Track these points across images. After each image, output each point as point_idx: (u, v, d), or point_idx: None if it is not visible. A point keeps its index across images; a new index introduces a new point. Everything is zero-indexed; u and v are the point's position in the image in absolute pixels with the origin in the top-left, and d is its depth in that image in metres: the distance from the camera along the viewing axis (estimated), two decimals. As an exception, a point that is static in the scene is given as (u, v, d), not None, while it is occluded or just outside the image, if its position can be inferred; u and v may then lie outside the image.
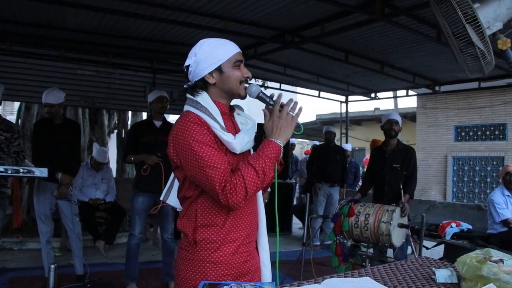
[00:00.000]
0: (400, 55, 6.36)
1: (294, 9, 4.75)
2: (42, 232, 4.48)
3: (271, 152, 1.62)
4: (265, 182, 1.61)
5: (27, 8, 4.84)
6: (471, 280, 1.64)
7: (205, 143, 1.59)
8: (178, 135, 1.63)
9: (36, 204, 4.50)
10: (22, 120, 8.45)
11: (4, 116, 4.65)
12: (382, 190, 4.71)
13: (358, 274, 1.89)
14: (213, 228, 1.66)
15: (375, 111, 17.14)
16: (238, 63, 1.73)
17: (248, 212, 1.74)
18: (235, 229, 1.69)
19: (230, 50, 1.73)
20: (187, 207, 1.71)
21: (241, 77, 1.73)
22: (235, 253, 1.69)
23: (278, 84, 9.00)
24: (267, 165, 1.59)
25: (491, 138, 11.81)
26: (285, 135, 1.66)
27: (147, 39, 5.93)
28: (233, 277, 1.67)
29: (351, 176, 9.13)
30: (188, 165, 1.60)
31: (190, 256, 1.68)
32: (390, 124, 4.74)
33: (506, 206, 5.12)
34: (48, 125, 4.49)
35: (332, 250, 4.33)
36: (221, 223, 1.66)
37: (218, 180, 1.54)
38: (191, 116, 1.65)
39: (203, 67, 1.71)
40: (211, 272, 1.65)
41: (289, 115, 1.66)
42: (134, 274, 4.50)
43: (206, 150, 1.58)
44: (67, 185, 4.39)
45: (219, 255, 1.66)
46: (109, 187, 6.42)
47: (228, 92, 1.75)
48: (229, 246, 1.67)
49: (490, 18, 2.44)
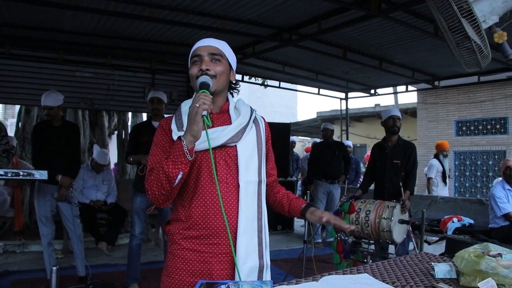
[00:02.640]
0: (399, 50, 6.35)
1: (290, 7, 4.74)
2: (43, 234, 4.49)
3: (174, 151, 1.56)
4: (170, 181, 1.56)
5: (25, 11, 4.84)
6: (469, 274, 1.64)
7: (155, 143, 1.73)
8: None
9: (37, 206, 4.51)
10: (22, 123, 8.47)
11: (6, 120, 4.65)
12: (383, 186, 4.71)
13: (357, 271, 1.89)
14: (177, 223, 1.72)
15: (376, 107, 17.13)
16: (195, 58, 1.70)
17: (213, 213, 1.64)
18: (196, 227, 1.66)
19: (194, 47, 1.74)
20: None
21: (196, 73, 1.67)
22: (193, 250, 1.66)
23: (277, 82, 8.98)
24: (168, 165, 1.56)
25: (492, 132, 11.79)
26: (189, 131, 1.53)
27: (145, 39, 5.93)
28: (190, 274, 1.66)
29: (352, 172, 9.12)
30: None
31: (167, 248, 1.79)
32: (393, 121, 4.73)
33: (507, 200, 5.11)
34: (47, 128, 4.50)
35: (333, 247, 4.33)
36: (184, 219, 1.69)
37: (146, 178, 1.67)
38: (163, 119, 1.80)
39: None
40: (169, 263, 1.70)
41: (194, 108, 1.51)
42: (136, 275, 4.51)
43: (152, 149, 1.73)
44: (67, 187, 4.40)
45: (176, 248, 1.70)
46: (110, 188, 6.43)
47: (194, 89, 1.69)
48: (187, 241, 1.68)
49: (486, 12, 2.42)
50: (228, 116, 1.75)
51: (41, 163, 4.28)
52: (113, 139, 10.81)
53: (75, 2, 4.32)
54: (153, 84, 7.10)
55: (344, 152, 7.64)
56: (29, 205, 7.26)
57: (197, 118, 1.50)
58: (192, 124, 1.51)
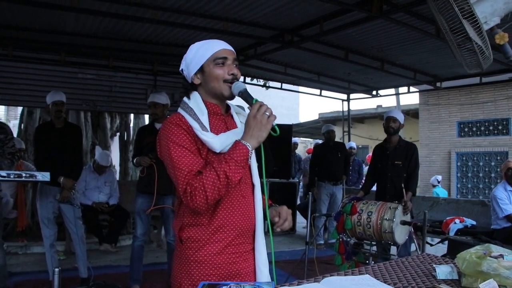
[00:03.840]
0: (400, 52, 6.35)
1: (292, 9, 4.75)
2: (46, 235, 4.50)
3: (238, 155, 1.57)
4: (229, 185, 1.58)
5: (28, 14, 4.86)
6: (471, 276, 1.65)
7: (178, 144, 1.61)
8: (159, 136, 1.70)
9: (39, 208, 4.52)
10: (25, 124, 8.49)
11: (8, 122, 4.67)
12: (384, 187, 4.71)
13: (359, 272, 1.89)
14: (198, 227, 1.66)
15: (378, 109, 17.12)
16: (220, 60, 1.70)
17: (240, 213, 1.70)
18: (222, 229, 1.67)
19: (212, 48, 1.72)
20: (178, 207, 1.74)
21: (223, 75, 1.69)
22: (221, 253, 1.67)
23: (279, 84, 8.99)
24: (231, 168, 1.55)
25: (495, 133, 11.77)
26: (257, 137, 1.59)
27: (147, 41, 5.94)
28: (219, 277, 1.66)
29: (355, 174, 9.12)
30: (166, 165, 1.66)
31: (178, 254, 1.71)
32: (388, 122, 4.78)
33: (509, 201, 5.11)
34: (50, 129, 4.52)
35: (335, 248, 4.33)
36: (207, 223, 1.66)
37: (181, 182, 1.57)
38: (173, 117, 1.69)
39: (191, 69, 1.74)
40: (195, 270, 1.65)
41: (265, 115, 1.58)
42: (138, 276, 4.52)
43: (178, 151, 1.60)
44: (69, 189, 4.41)
45: (202, 254, 1.65)
46: (112, 190, 6.44)
47: (211, 91, 1.73)
48: (214, 245, 1.66)
49: (487, 13, 2.43)
50: (232, 119, 1.82)
51: (43, 165, 4.29)
52: (115, 140, 10.83)
53: (77, 4, 4.33)
54: (155, 85, 7.11)
55: (345, 153, 7.65)
56: (31, 206, 7.28)
57: (268, 126, 1.58)
58: (262, 131, 1.58)
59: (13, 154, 4.01)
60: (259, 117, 1.58)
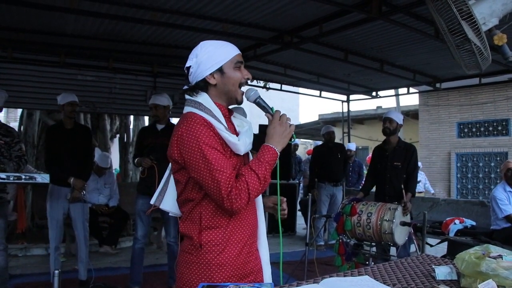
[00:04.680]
0: (400, 53, 6.35)
1: (291, 10, 4.75)
2: (52, 237, 4.50)
3: (270, 158, 1.65)
4: (265, 187, 1.64)
5: (27, 15, 4.86)
6: (470, 276, 1.65)
7: (212, 146, 1.60)
8: (183, 137, 1.62)
9: (49, 209, 4.53)
10: (24, 126, 8.49)
11: (8, 123, 4.69)
12: (383, 188, 4.72)
13: (358, 273, 1.89)
14: (217, 230, 1.66)
15: (377, 110, 17.13)
16: (239, 64, 1.75)
17: (250, 213, 1.75)
18: (238, 230, 1.69)
19: (231, 51, 1.75)
20: (190, 210, 1.69)
21: (242, 78, 1.75)
22: (240, 254, 1.69)
23: (279, 85, 8.99)
24: (267, 171, 1.63)
25: (494, 134, 11.79)
26: (283, 142, 1.70)
27: (146, 43, 5.94)
28: (237, 278, 1.67)
29: (355, 175, 9.12)
30: (195, 167, 1.60)
31: (194, 259, 1.66)
32: (384, 122, 4.79)
33: (508, 202, 5.11)
34: (60, 130, 4.59)
35: (335, 249, 4.34)
36: (225, 225, 1.67)
37: (225, 184, 1.55)
38: (196, 117, 1.64)
39: (205, 68, 1.72)
40: (217, 274, 1.64)
41: (288, 124, 1.71)
42: (138, 278, 4.51)
43: (214, 153, 1.59)
44: (79, 189, 4.46)
45: (224, 257, 1.65)
46: (112, 191, 6.45)
47: (227, 93, 1.75)
48: (234, 247, 1.67)
49: (486, 14, 2.43)
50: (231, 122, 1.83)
51: (53, 166, 4.41)
52: (115, 142, 10.84)
53: (76, 6, 4.33)
54: (155, 87, 7.11)
55: (344, 154, 7.66)
56: (31, 208, 7.28)
57: (290, 134, 1.73)
58: (286, 137, 1.72)
59: (20, 158, 4.03)
60: (284, 125, 1.71)
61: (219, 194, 1.55)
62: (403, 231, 4.13)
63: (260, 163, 1.62)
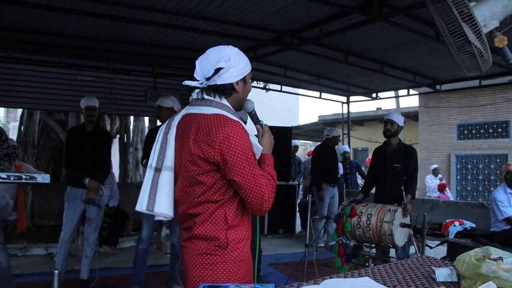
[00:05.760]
0: (400, 54, 6.36)
1: (292, 11, 4.76)
2: (64, 238, 4.50)
3: (271, 163, 1.84)
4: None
5: (28, 16, 4.87)
6: (470, 278, 1.65)
7: (253, 152, 1.73)
8: (231, 139, 1.64)
9: (66, 209, 4.55)
10: (24, 126, 8.49)
11: (8, 124, 4.69)
12: (383, 190, 4.71)
13: (358, 274, 1.89)
14: (240, 227, 1.75)
15: (377, 111, 17.12)
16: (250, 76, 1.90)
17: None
18: (249, 226, 1.82)
19: (249, 63, 1.87)
20: (212, 211, 1.69)
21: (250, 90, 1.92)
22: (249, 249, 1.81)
23: (279, 86, 9.00)
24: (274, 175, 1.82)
25: (494, 136, 11.79)
26: (271, 151, 1.92)
27: (147, 43, 5.95)
28: (252, 271, 1.78)
29: (354, 176, 9.15)
30: (240, 171, 1.66)
31: (219, 259, 1.69)
32: (385, 124, 4.78)
33: (508, 204, 5.11)
34: (80, 133, 4.65)
35: (335, 251, 4.33)
36: (244, 222, 1.78)
37: (266, 188, 1.70)
38: (238, 124, 1.70)
39: (234, 74, 1.77)
40: (240, 270, 1.72)
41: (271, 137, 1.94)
42: (140, 279, 4.49)
43: (254, 158, 1.73)
44: (94, 190, 4.47)
45: (245, 252, 1.76)
46: (112, 192, 6.44)
47: (240, 101, 1.87)
48: (247, 242, 1.79)
49: (487, 16, 2.44)
50: None
51: (71, 167, 4.54)
52: (115, 143, 10.82)
53: (77, 7, 4.34)
54: (155, 88, 7.11)
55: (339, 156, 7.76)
56: (31, 208, 7.28)
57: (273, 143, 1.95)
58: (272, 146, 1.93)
59: (9, 155, 4.02)
60: (271, 136, 1.93)
61: (261, 197, 1.68)
62: (403, 232, 4.13)
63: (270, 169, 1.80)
